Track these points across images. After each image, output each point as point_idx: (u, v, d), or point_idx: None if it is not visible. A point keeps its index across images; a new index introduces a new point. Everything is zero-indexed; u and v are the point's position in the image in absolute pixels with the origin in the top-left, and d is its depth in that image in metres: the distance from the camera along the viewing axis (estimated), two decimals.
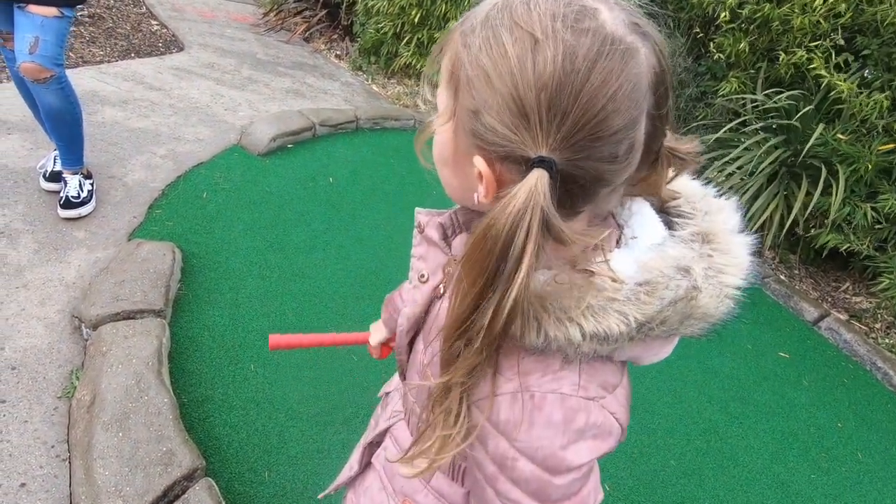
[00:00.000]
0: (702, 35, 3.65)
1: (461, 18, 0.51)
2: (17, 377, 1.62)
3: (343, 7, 5.23)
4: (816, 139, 2.97)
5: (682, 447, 2.08)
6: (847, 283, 3.50)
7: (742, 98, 3.44)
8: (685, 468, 2.00)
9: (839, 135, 2.99)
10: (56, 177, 2.28)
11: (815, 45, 3.05)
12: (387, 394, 0.98)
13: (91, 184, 2.31)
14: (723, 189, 0.60)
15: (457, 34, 0.50)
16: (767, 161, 3.10)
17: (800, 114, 3.09)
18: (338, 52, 5.20)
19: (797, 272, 3.51)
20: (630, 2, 0.49)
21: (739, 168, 3.21)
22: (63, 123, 2.11)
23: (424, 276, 0.66)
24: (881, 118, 2.89)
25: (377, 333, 1.12)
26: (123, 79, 3.41)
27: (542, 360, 0.52)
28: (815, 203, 3.01)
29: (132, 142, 2.82)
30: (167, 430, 1.47)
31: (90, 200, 2.27)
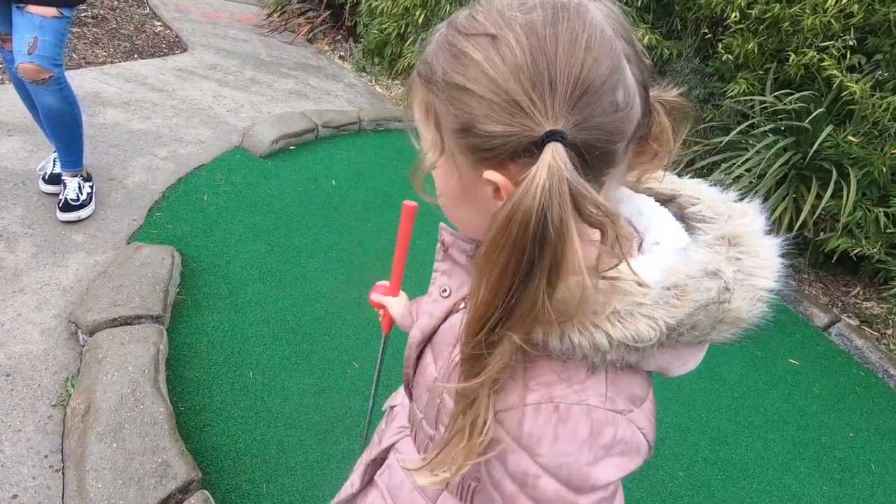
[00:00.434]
0: (710, 35, 3.59)
1: (416, 63, 0.51)
2: (12, 384, 1.59)
3: (347, 8, 5.21)
4: (827, 142, 2.92)
5: (691, 457, 2.03)
6: (857, 288, 3.43)
7: (751, 100, 3.39)
8: (693, 479, 1.95)
9: (850, 137, 2.93)
10: (55, 179, 2.26)
11: (827, 46, 2.99)
12: (391, 407, 0.95)
13: (91, 186, 2.29)
14: (730, 190, 0.59)
15: (415, 75, 0.51)
16: (777, 164, 3.05)
17: (811, 116, 3.03)
18: (341, 53, 5.17)
19: (807, 276, 3.45)
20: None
21: (748, 171, 3.16)
22: (62, 125, 2.08)
23: (447, 292, 0.66)
24: (894, 120, 2.83)
25: (397, 306, 1.06)
26: (126, 80, 3.39)
27: (566, 371, 0.50)
28: (826, 206, 2.95)
29: (133, 143, 2.80)
30: (163, 441, 1.44)
31: (89, 203, 2.24)
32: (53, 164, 2.28)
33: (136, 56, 3.82)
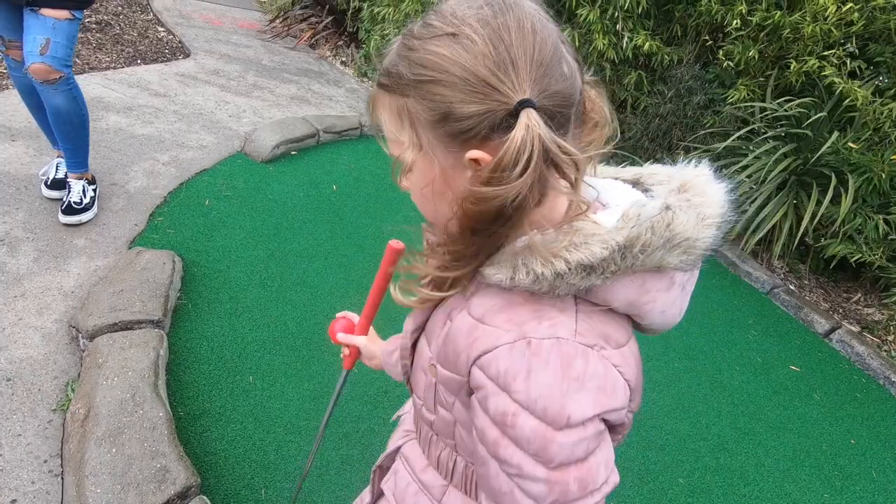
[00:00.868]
0: (710, 42, 3.61)
1: (372, 80, 0.55)
2: (12, 389, 1.59)
3: (349, 14, 5.24)
4: (827, 147, 2.92)
5: (691, 464, 2.03)
6: (858, 294, 3.43)
7: (751, 106, 3.39)
8: (694, 486, 1.94)
9: (850, 143, 2.94)
10: (58, 184, 2.27)
11: (829, 54, 3.00)
12: (399, 417, 0.97)
13: (94, 190, 2.30)
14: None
15: (377, 89, 0.57)
16: (777, 170, 3.05)
17: (810, 121, 3.04)
18: (343, 59, 5.20)
19: (807, 283, 3.44)
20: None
21: (749, 177, 3.16)
22: (70, 125, 2.10)
23: None
24: (895, 127, 2.83)
25: (372, 345, 1.03)
26: (129, 85, 3.40)
27: (538, 310, 0.54)
28: (826, 212, 2.95)
29: (135, 148, 2.81)
30: (162, 446, 1.44)
31: (91, 207, 2.25)
32: (56, 170, 2.29)
33: (140, 61, 3.84)
